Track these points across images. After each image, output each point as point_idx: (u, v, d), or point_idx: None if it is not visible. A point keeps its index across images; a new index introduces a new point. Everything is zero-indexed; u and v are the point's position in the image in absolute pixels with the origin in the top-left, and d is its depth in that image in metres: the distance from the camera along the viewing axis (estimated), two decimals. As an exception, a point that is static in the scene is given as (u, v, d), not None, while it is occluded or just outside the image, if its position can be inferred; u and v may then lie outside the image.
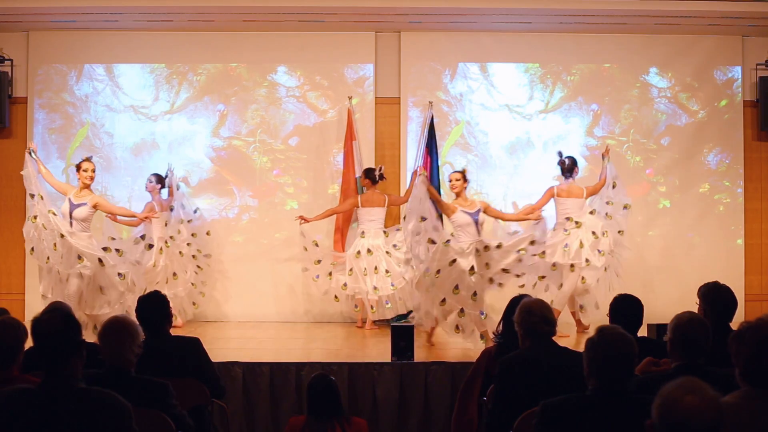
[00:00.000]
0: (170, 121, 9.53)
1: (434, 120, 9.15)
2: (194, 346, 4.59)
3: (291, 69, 9.58)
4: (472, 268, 7.02)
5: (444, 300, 7.10)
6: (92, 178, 7.63)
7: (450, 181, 7.65)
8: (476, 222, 7.37)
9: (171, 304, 4.81)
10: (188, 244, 8.69)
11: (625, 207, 8.27)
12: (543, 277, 7.99)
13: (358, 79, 9.53)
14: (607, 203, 8.23)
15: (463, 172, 7.63)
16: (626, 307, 4.47)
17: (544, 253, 7.63)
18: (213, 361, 4.73)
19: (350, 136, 9.13)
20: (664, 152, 9.56)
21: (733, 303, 4.35)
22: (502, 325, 4.86)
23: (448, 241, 7.17)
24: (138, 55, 9.52)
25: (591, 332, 3.20)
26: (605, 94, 9.61)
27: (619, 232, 8.21)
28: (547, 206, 8.08)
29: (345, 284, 8.57)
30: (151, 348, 4.00)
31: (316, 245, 8.72)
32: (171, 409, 3.62)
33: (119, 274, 7.35)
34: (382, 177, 8.72)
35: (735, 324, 3.27)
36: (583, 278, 7.95)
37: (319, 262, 8.71)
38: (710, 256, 9.40)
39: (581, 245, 7.91)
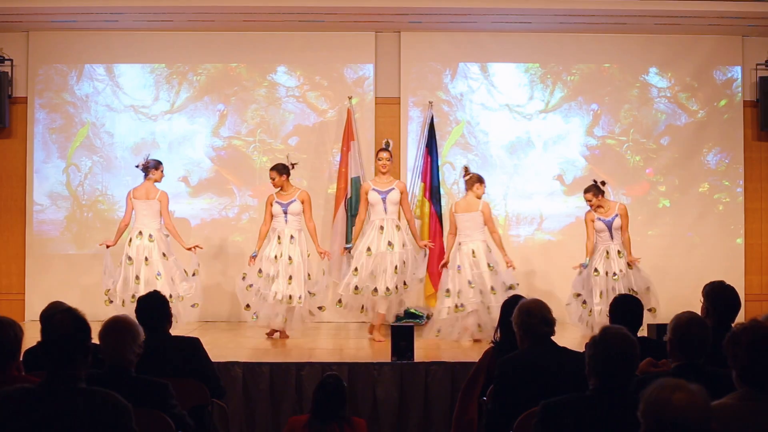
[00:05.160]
0: (170, 121, 9.52)
1: (434, 120, 9.16)
2: (194, 346, 4.60)
3: (291, 69, 9.57)
4: None
5: None
6: None
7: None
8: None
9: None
10: None
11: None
12: None
13: (357, 79, 9.53)
14: None
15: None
16: (626, 308, 4.47)
17: None
18: (213, 361, 4.73)
19: (348, 137, 9.13)
20: (663, 152, 9.56)
21: (736, 304, 4.32)
22: (499, 329, 4.84)
23: None
24: (138, 55, 9.51)
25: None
26: (605, 94, 9.61)
27: None
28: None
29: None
30: (151, 348, 4.00)
31: None
32: (171, 409, 3.62)
33: None
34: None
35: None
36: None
37: None
38: (710, 255, 9.38)
39: None
